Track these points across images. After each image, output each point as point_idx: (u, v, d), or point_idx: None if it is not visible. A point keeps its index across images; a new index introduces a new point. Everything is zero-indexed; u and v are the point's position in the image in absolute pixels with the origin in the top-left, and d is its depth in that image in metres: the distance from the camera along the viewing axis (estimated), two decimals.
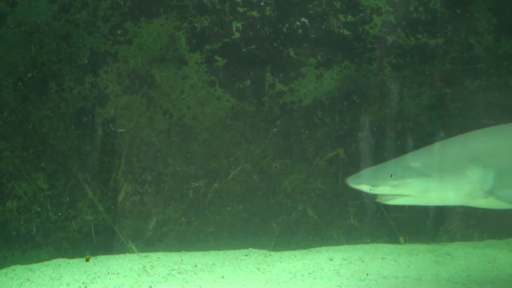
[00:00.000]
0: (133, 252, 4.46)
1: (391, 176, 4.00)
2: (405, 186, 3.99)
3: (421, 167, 4.07)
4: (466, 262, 4.65)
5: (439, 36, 5.32)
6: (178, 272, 4.55)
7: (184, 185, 5.11)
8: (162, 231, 5.14)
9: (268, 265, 4.74)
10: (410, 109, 5.30)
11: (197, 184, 5.11)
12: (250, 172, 5.19)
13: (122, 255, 5.00)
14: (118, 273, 4.63)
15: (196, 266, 4.70)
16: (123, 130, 5.03)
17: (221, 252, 5.08)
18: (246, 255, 5.02)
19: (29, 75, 4.91)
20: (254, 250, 5.15)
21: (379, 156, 5.16)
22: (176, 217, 5.15)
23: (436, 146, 4.44)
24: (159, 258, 4.93)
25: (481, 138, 4.36)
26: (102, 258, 4.96)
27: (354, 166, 5.16)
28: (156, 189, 5.10)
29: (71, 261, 4.94)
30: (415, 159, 4.22)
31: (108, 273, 4.64)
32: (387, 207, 5.02)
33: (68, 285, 4.38)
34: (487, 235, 5.39)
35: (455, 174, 4.02)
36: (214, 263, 4.79)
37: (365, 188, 4.06)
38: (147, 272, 3.21)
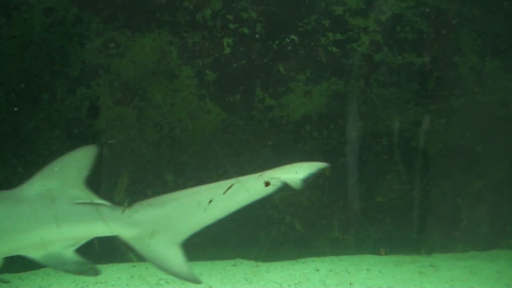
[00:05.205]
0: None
1: None
2: None
3: None
4: (449, 273, 4.71)
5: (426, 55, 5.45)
6: (166, 282, 4.58)
7: None
8: None
9: (255, 276, 4.78)
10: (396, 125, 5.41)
11: None
12: None
13: (110, 265, 5.04)
14: (106, 282, 4.66)
15: None
16: (113, 142, 5.10)
17: (208, 262, 5.12)
18: (233, 265, 5.07)
19: (22, 85, 4.99)
20: (241, 260, 5.19)
21: (363, 171, 5.27)
22: None
23: None
24: (147, 267, 4.96)
25: None
26: None
27: (341, 179, 5.26)
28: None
29: None
30: None
31: (97, 282, 4.67)
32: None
33: None
34: (471, 246, 5.48)
35: None
36: (201, 273, 4.83)
37: None
38: (143, 279, 3.30)
